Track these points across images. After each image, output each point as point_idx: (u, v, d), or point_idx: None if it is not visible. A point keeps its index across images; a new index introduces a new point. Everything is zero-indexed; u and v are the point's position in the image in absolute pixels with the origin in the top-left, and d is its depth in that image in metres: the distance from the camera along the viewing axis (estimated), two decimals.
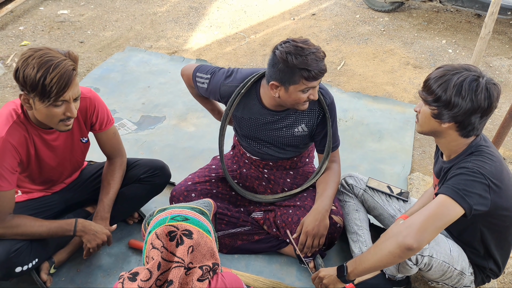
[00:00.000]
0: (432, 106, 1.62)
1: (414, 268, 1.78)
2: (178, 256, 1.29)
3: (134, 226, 2.39)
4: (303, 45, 1.82)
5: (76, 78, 1.72)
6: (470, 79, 1.54)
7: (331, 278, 1.83)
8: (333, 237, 2.11)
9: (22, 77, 1.64)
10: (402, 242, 1.53)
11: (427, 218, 1.54)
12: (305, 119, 2.10)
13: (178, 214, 1.37)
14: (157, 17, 4.99)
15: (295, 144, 2.17)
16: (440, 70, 1.61)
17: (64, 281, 2.11)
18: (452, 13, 5.24)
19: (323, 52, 1.87)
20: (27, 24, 4.64)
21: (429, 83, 1.61)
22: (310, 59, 1.80)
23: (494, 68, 4.20)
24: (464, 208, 1.53)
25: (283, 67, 1.83)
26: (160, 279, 1.28)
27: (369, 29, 4.86)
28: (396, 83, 3.92)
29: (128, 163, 2.24)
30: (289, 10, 5.27)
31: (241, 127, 2.18)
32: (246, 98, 2.10)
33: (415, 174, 2.81)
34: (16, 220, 1.87)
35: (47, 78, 1.62)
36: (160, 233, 1.31)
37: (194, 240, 1.32)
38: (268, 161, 2.26)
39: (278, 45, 1.87)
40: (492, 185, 1.55)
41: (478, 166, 1.56)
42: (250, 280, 2.07)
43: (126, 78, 3.78)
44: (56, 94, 1.66)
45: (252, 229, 2.23)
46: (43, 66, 1.62)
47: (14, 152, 1.80)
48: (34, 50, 1.67)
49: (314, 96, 1.93)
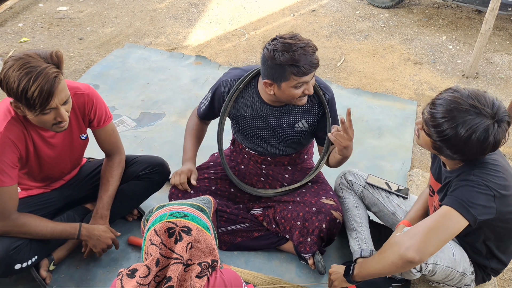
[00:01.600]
0: (434, 140, 1.56)
1: (417, 274, 1.77)
2: (176, 253, 1.28)
3: (134, 223, 2.39)
4: (290, 41, 1.80)
5: (62, 82, 1.68)
6: (480, 132, 1.45)
7: (338, 276, 1.85)
8: (332, 233, 2.11)
9: (7, 90, 1.63)
10: (404, 254, 1.50)
11: (430, 230, 1.51)
12: (305, 115, 2.09)
13: (177, 211, 1.37)
14: (156, 13, 4.98)
15: (296, 140, 2.17)
16: (447, 107, 1.49)
17: (63, 278, 2.11)
18: (453, 9, 5.22)
19: (314, 46, 1.84)
20: (26, 21, 4.63)
21: (436, 121, 1.51)
22: (298, 54, 1.78)
23: (495, 64, 4.19)
24: (469, 220, 1.50)
25: (272, 64, 1.83)
26: (159, 275, 1.28)
27: (369, 25, 4.84)
28: (396, 79, 3.91)
29: (127, 160, 2.24)
30: (289, 7, 5.25)
31: (242, 126, 2.17)
32: (246, 94, 2.09)
33: (415, 170, 2.80)
34: (21, 219, 1.86)
35: (29, 92, 1.59)
36: (159, 230, 1.30)
37: (193, 236, 1.31)
38: (266, 156, 2.26)
39: (267, 43, 1.86)
40: (498, 195, 1.51)
41: (482, 179, 1.53)
42: (250, 277, 2.07)
43: (125, 74, 3.77)
44: (40, 106, 1.64)
45: (251, 225, 2.23)
46: (23, 79, 1.58)
47: (14, 148, 1.79)
48: (15, 59, 1.61)
49: (309, 90, 1.91)
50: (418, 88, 3.80)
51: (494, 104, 1.47)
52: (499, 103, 1.49)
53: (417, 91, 3.75)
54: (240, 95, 2.10)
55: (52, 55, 1.66)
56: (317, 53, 1.85)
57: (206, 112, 2.23)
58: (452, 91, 1.53)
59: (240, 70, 2.12)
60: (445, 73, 4.04)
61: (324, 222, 2.06)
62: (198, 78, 3.76)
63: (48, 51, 1.67)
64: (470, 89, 1.52)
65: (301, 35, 1.87)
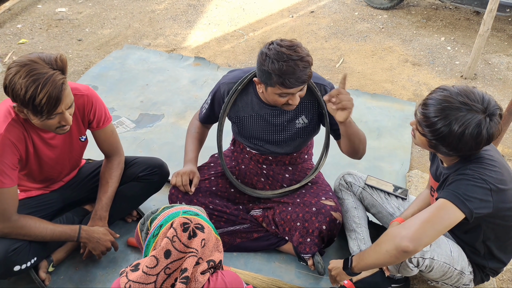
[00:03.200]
0: (429, 139, 1.59)
1: (415, 270, 1.78)
2: (192, 247, 1.31)
3: (133, 224, 2.39)
4: (285, 51, 1.76)
5: (67, 88, 1.68)
6: (472, 127, 1.47)
7: (338, 270, 1.86)
8: (332, 234, 2.11)
9: (12, 96, 1.63)
10: (399, 244, 1.52)
11: (425, 221, 1.53)
12: (304, 111, 2.09)
13: (189, 210, 1.40)
14: (155, 14, 4.98)
15: (297, 137, 2.16)
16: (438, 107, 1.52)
17: (62, 279, 2.11)
18: (451, 10, 5.24)
19: (308, 61, 1.79)
20: (25, 22, 4.63)
21: (429, 121, 1.54)
22: (287, 67, 1.75)
23: (493, 65, 4.20)
24: (464, 213, 1.51)
25: (262, 67, 1.82)
26: (169, 267, 1.29)
27: (368, 26, 4.85)
28: (395, 80, 3.92)
29: (127, 161, 2.24)
30: (287, 8, 5.26)
31: (243, 128, 2.17)
32: (245, 96, 2.09)
33: (414, 171, 2.81)
34: (21, 221, 1.86)
35: (37, 99, 1.59)
36: (176, 224, 1.33)
37: (205, 234, 1.34)
38: (267, 155, 2.26)
39: (266, 44, 1.85)
40: (494, 189, 1.53)
41: (479, 173, 1.54)
42: (249, 278, 2.07)
43: (124, 76, 3.77)
44: (48, 112, 1.65)
45: (251, 226, 2.23)
46: (31, 86, 1.57)
47: (14, 149, 1.79)
48: (20, 65, 1.60)
49: (293, 102, 1.88)
50: (416, 89, 3.80)
51: (484, 99, 1.50)
52: (489, 97, 1.51)
53: (416, 92, 3.76)
54: (240, 97, 2.10)
55: (57, 60, 1.65)
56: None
57: (207, 115, 2.23)
58: (442, 90, 1.56)
59: (239, 72, 2.12)
60: (444, 74, 4.05)
61: (324, 223, 2.06)
62: (197, 79, 3.76)
63: (53, 56, 1.66)
64: (459, 87, 1.55)
65: (302, 46, 1.82)
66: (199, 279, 1.30)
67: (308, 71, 1.80)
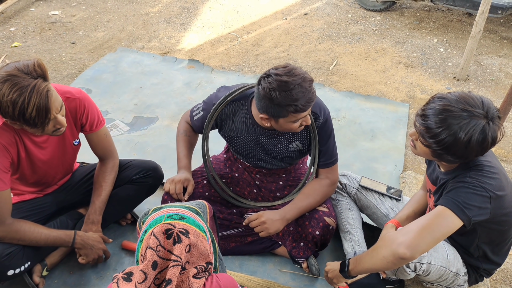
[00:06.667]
0: (434, 149, 1.56)
1: (412, 274, 1.78)
2: (175, 255, 1.28)
3: (127, 227, 2.38)
4: (287, 78, 1.73)
5: (53, 93, 1.66)
6: (478, 134, 1.46)
7: (335, 273, 1.86)
8: (326, 239, 2.10)
9: (1, 113, 1.63)
10: (396, 250, 1.51)
11: (423, 228, 1.52)
12: (298, 137, 2.07)
13: (175, 213, 1.37)
14: (149, 17, 4.98)
15: (291, 158, 2.16)
16: (440, 117, 1.49)
17: (57, 283, 2.10)
18: (444, 12, 5.27)
19: (310, 80, 1.77)
20: (18, 25, 4.61)
21: (433, 132, 1.52)
22: (296, 93, 1.72)
23: (485, 66, 4.23)
24: (463, 220, 1.51)
25: (269, 103, 1.77)
26: (158, 277, 1.28)
27: (361, 28, 4.87)
28: (388, 82, 3.93)
29: (121, 164, 2.23)
30: (281, 10, 5.27)
31: (236, 146, 2.16)
32: (239, 116, 2.06)
33: (408, 172, 2.82)
34: (16, 225, 1.85)
35: (26, 114, 1.59)
36: (157, 232, 1.30)
37: (191, 239, 1.31)
38: (261, 168, 2.26)
39: (261, 79, 1.79)
40: (493, 196, 1.52)
41: (479, 180, 1.54)
42: (244, 280, 2.07)
43: (118, 79, 3.76)
44: (41, 124, 1.66)
45: (245, 230, 2.22)
46: (17, 102, 1.56)
47: (5, 152, 1.78)
48: (0, 82, 1.57)
49: (307, 121, 1.88)
50: (410, 90, 3.82)
51: (483, 103, 1.49)
52: (488, 101, 1.51)
53: (409, 93, 3.78)
54: (233, 117, 2.08)
55: (35, 67, 1.62)
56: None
57: (199, 125, 2.17)
58: (440, 99, 1.53)
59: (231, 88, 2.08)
60: (437, 75, 4.07)
61: (317, 228, 2.06)
62: (191, 82, 3.76)
63: (30, 63, 1.61)
64: (455, 93, 1.53)
65: (296, 67, 1.80)
66: (194, 285, 1.29)
67: (313, 89, 1.79)
